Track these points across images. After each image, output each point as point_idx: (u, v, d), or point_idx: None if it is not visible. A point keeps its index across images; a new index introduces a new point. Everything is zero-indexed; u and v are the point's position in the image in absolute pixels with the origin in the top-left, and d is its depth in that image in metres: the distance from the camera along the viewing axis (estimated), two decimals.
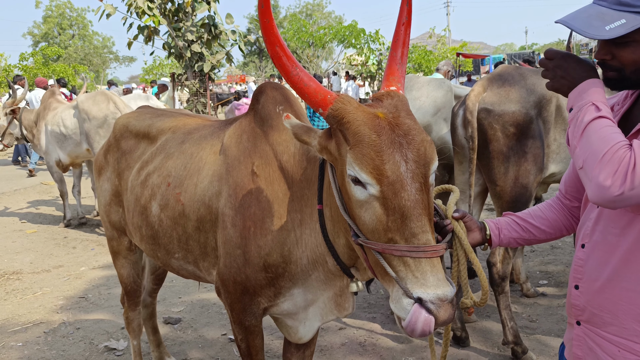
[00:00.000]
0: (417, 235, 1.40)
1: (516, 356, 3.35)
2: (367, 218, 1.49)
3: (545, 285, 4.56)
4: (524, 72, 3.45)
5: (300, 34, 25.98)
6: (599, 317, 1.41)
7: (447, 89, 4.09)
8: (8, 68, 29.19)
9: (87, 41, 52.80)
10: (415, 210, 1.41)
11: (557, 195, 1.72)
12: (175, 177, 2.33)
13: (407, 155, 1.45)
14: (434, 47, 26.40)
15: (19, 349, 3.83)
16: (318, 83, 1.60)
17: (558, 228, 1.67)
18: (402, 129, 1.48)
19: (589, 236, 1.45)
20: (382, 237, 1.45)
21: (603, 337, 1.41)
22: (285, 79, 1.61)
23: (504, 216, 1.72)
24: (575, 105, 1.35)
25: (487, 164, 3.36)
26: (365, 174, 1.44)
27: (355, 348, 3.61)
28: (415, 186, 1.43)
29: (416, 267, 1.39)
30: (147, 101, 7.94)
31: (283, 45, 1.59)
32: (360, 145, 1.46)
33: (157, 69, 32.25)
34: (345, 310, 2.07)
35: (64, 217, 7.46)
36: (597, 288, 1.41)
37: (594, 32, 1.31)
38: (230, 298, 2.12)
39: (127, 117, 2.97)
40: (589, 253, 1.44)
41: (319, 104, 1.57)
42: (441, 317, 1.36)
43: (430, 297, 1.36)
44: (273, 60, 1.61)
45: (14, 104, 7.56)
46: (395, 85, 1.63)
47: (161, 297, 4.50)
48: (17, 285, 5.16)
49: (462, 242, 1.60)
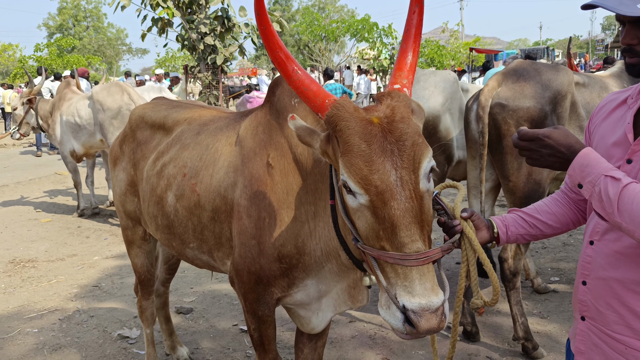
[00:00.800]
0: (407, 244, 1.40)
1: (527, 352, 3.35)
2: (361, 225, 1.49)
3: (556, 282, 4.54)
4: (539, 67, 3.42)
5: (313, 27, 25.94)
6: (604, 315, 1.41)
7: (454, 80, 4.08)
8: (23, 59, 29.47)
9: (101, 33, 53.12)
10: (404, 219, 1.40)
11: (563, 188, 1.70)
12: (191, 168, 2.36)
13: (397, 163, 1.43)
14: (446, 41, 26.23)
15: (34, 335, 3.90)
16: (319, 86, 1.60)
17: (565, 222, 1.66)
18: (395, 135, 1.45)
19: (599, 234, 1.43)
20: (375, 244, 1.46)
21: (609, 335, 1.41)
22: (288, 83, 1.62)
23: (510, 212, 1.71)
24: (584, 181, 1.31)
25: (500, 159, 3.35)
26: (354, 183, 1.44)
27: (365, 341, 3.63)
28: (404, 194, 1.41)
29: (405, 276, 1.39)
30: (161, 93, 7.99)
31: (284, 49, 1.60)
32: (350, 155, 1.45)
33: (170, 61, 32.40)
34: (358, 302, 2.09)
35: (78, 206, 7.57)
36: (604, 286, 1.41)
37: (625, 10, 1.28)
38: (244, 288, 2.14)
39: (143, 108, 3.00)
40: (598, 251, 1.43)
41: (317, 108, 1.57)
42: (422, 326, 1.36)
43: (414, 306, 1.36)
44: (275, 65, 1.62)
45: (30, 94, 7.63)
46: (401, 83, 1.59)
47: (174, 287, 4.55)
48: (32, 273, 5.24)
49: (472, 242, 1.59)
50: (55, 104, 7.32)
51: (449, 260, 5.10)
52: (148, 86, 10.04)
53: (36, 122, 7.62)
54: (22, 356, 3.60)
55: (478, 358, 3.37)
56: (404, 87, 1.58)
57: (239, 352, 3.55)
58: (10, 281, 5.04)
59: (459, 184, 1.79)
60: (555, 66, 3.49)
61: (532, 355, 3.33)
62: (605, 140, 1.48)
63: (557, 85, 3.28)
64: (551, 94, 3.28)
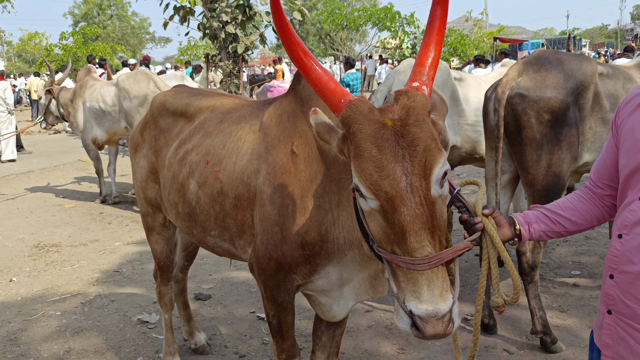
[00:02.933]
0: (417, 250, 1.40)
1: (545, 346, 3.31)
2: (373, 227, 1.50)
3: (577, 276, 4.47)
4: (562, 56, 3.33)
5: (334, 16, 25.73)
6: (631, 309, 1.39)
7: (443, 69, 4.04)
8: (49, 47, 29.92)
9: (125, 21, 53.64)
10: (414, 225, 1.40)
11: (587, 184, 1.67)
12: (214, 155, 2.37)
13: (408, 169, 1.41)
14: (470, 31, 25.82)
15: (57, 317, 4.00)
16: (337, 83, 1.59)
17: (589, 219, 1.63)
18: (407, 139, 1.43)
19: (628, 227, 1.41)
20: (387, 248, 1.46)
21: (635, 328, 1.39)
22: (306, 80, 1.62)
23: (532, 209, 1.69)
24: None
25: (520, 150, 3.27)
26: (364, 188, 1.44)
27: (382, 331, 3.63)
28: (414, 201, 1.41)
29: (414, 281, 1.41)
30: (183, 81, 8.06)
31: (302, 47, 1.60)
32: (361, 159, 1.45)
33: (192, 50, 32.57)
34: (379, 292, 2.09)
35: (100, 193, 7.69)
36: (631, 280, 1.39)
37: None
38: (265, 275, 2.15)
39: (164, 95, 3.02)
40: (626, 244, 1.41)
41: (334, 107, 1.56)
42: (428, 332, 1.38)
43: (420, 312, 1.38)
44: (293, 62, 1.62)
45: (52, 84, 7.72)
46: (420, 80, 1.56)
47: (192, 274, 4.61)
48: (56, 257, 5.37)
49: (494, 239, 1.57)
50: (77, 92, 7.40)
51: (468, 252, 5.06)
52: (169, 74, 10.13)
53: (58, 111, 7.72)
54: (45, 338, 3.69)
55: (495, 351, 3.35)
56: (423, 85, 1.54)
57: (255, 339, 3.59)
58: (35, 265, 5.17)
59: (480, 181, 1.77)
60: (579, 56, 3.40)
61: (550, 349, 3.29)
62: (635, 132, 1.44)
63: (580, 75, 3.19)
64: (574, 84, 3.19)
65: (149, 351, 3.48)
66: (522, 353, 3.32)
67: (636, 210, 1.39)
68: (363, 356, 3.33)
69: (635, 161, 1.41)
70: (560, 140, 3.16)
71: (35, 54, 37.02)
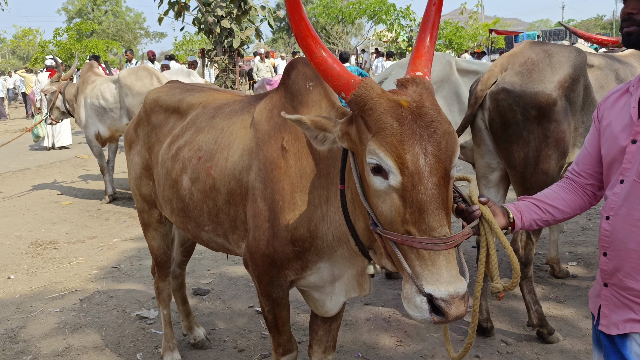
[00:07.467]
0: (436, 229, 1.40)
1: (542, 337, 3.33)
2: (385, 209, 1.49)
3: (574, 266, 4.50)
4: (549, 48, 3.21)
5: (330, 9, 25.68)
6: (624, 282, 1.52)
7: (445, 63, 3.94)
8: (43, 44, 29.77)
9: (119, 17, 53.36)
10: (432, 204, 1.41)
11: (568, 175, 1.78)
12: (206, 151, 2.37)
13: (426, 149, 1.42)
14: (465, 23, 25.79)
15: (56, 314, 4.00)
16: (342, 66, 1.58)
17: (574, 207, 1.74)
18: (425, 120, 1.45)
19: (614, 209, 1.54)
20: (400, 229, 1.45)
21: (630, 299, 1.53)
22: (309, 60, 1.59)
23: (520, 200, 1.77)
24: None
25: (506, 148, 3.16)
26: (391, 160, 1.43)
27: (380, 324, 3.65)
28: (433, 180, 1.41)
29: (432, 262, 1.40)
30: (189, 77, 7.91)
31: (308, 24, 1.57)
32: (383, 133, 1.44)
33: (187, 45, 32.42)
34: (365, 290, 2.08)
35: (105, 191, 7.44)
36: (623, 256, 1.51)
37: None
38: (258, 270, 2.16)
39: (157, 91, 3.01)
40: (614, 225, 1.54)
41: (341, 87, 1.55)
42: (452, 314, 1.38)
43: (442, 294, 1.37)
44: (297, 39, 1.59)
45: (59, 79, 7.62)
46: (422, 70, 1.58)
47: (190, 270, 4.62)
48: (54, 254, 5.36)
49: (493, 225, 1.60)
50: (79, 88, 7.31)
51: (465, 244, 5.08)
52: (175, 69, 9.95)
53: (64, 107, 7.64)
54: (44, 335, 3.70)
55: (493, 342, 3.37)
56: (425, 76, 1.57)
57: (254, 333, 3.60)
58: (32, 262, 5.17)
59: (470, 176, 1.81)
60: (567, 47, 3.29)
61: (547, 340, 3.31)
62: (612, 126, 1.58)
63: (568, 67, 3.08)
64: (561, 77, 3.07)
65: (148, 347, 3.49)
66: (519, 344, 3.34)
67: (619, 192, 1.53)
68: (362, 349, 3.34)
69: (614, 150, 1.57)
70: (547, 136, 3.05)
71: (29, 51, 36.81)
